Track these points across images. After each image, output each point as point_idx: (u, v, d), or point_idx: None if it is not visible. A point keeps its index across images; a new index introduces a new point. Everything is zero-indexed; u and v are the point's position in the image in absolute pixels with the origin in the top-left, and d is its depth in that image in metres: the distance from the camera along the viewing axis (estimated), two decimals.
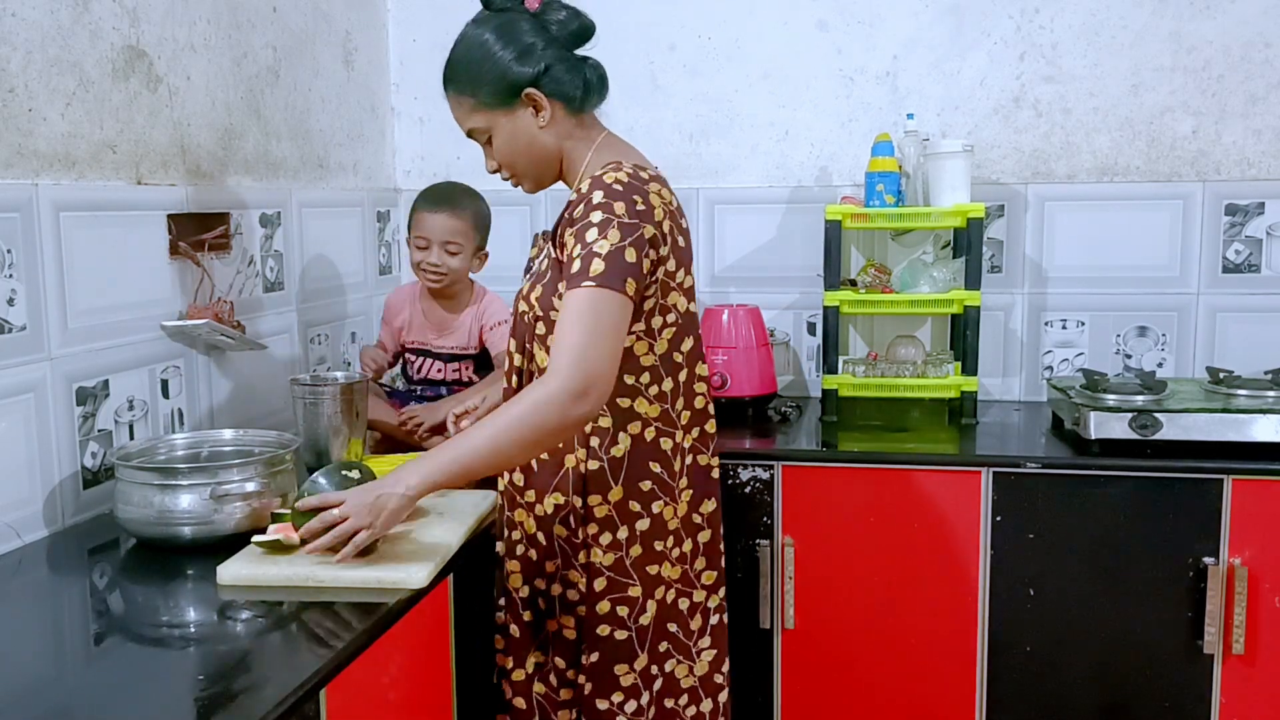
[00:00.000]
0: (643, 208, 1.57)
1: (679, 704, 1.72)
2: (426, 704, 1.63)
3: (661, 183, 1.67)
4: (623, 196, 1.57)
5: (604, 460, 1.64)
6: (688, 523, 1.71)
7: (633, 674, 1.67)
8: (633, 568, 1.66)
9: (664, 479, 1.67)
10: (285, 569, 1.54)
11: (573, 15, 1.67)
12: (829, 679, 2.37)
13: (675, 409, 1.68)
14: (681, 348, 1.68)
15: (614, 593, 1.65)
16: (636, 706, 1.67)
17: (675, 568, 1.69)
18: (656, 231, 1.58)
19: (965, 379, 2.57)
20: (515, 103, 1.64)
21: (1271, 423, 2.21)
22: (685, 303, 1.68)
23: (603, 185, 1.58)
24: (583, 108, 1.69)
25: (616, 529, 1.65)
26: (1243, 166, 2.69)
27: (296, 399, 2.05)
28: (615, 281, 1.52)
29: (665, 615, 1.69)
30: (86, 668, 1.37)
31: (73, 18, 1.82)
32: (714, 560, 1.75)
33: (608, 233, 1.53)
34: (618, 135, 1.77)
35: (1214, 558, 2.19)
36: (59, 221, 1.79)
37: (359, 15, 2.83)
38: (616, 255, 1.53)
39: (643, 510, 1.65)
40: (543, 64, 1.63)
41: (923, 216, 2.57)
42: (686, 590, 1.71)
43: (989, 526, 2.26)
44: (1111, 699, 2.26)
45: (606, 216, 1.55)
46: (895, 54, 2.81)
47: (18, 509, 1.73)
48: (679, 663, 1.71)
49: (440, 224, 2.27)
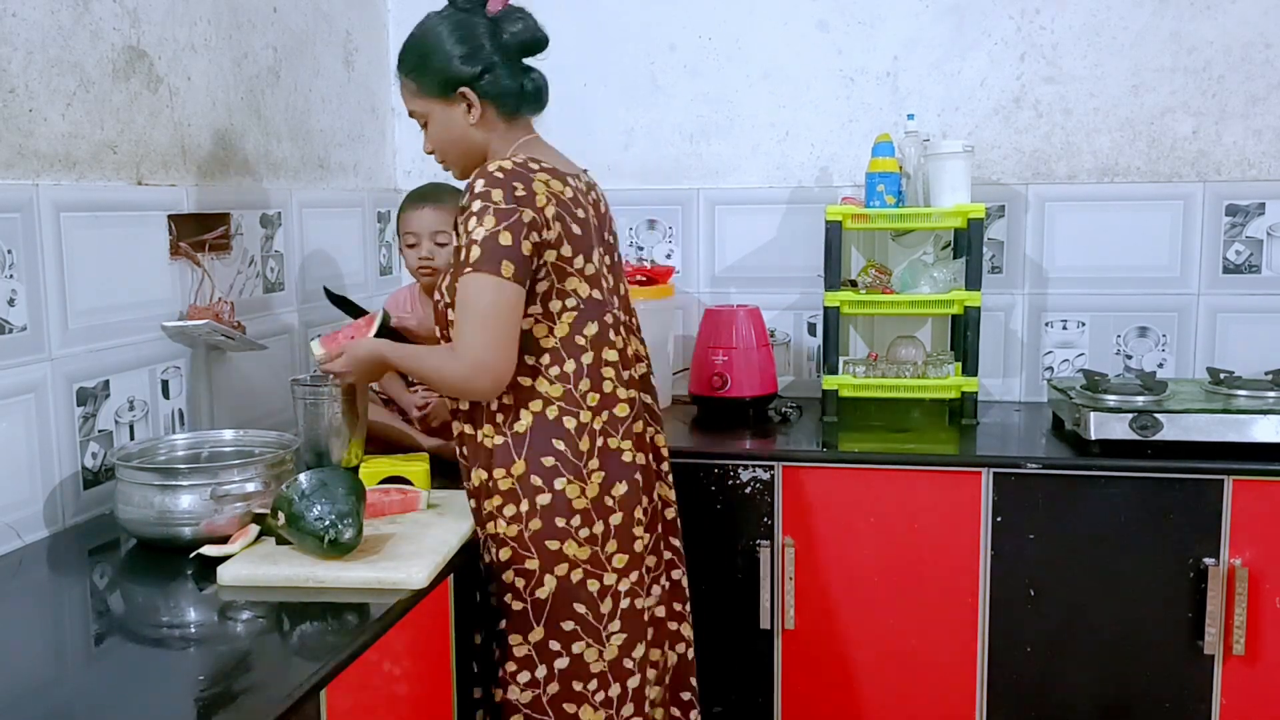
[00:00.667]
0: (522, 194, 1.65)
1: (587, 688, 1.73)
2: (426, 704, 1.63)
3: (558, 176, 1.73)
4: (501, 184, 1.65)
5: (508, 435, 1.71)
6: (599, 505, 1.73)
7: (526, 645, 1.72)
8: (531, 540, 1.70)
9: (568, 457, 1.71)
10: (285, 569, 1.54)
11: (528, 28, 1.77)
12: (829, 679, 2.37)
13: (579, 390, 1.73)
14: (584, 331, 1.73)
15: (514, 564, 1.71)
16: (529, 678, 1.72)
17: (584, 548, 1.71)
18: (537, 216, 1.65)
19: (966, 379, 2.57)
20: (451, 96, 1.75)
21: (1272, 423, 2.21)
22: (587, 289, 1.74)
23: (485, 174, 1.67)
24: (515, 112, 1.79)
25: (519, 501, 1.70)
26: (1243, 167, 2.69)
27: (297, 399, 2.05)
28: (490, 265, 1.61)
29: (571, 595, 1.71)
30: (86, 668, 1.37)
31: (73, 18, 1.82)
32: (626, 544, 1.75)
33: (484, 219, 1.63)
34: (547, 142, 1.84)
35: (1214, 558, 2.18)
36: (59, 222, 1.79)
37: (359, 15, 2.83)
38: (491, 240, 1.62)
39: (544, 486, 1.70)
40: (481, 66, 1.73)
41: (923, 217, 2.57)
42: (596, 572, 1.72)
43: (989, 527, 2.26)
44: (1111, 699, 2.26)
45: (484, 204, 1.64)
46: (896, 54, 2.81)
47: (18, 509, 1.73)
48: (588, 645, 1.72)
49: (426, 218, 2.29)
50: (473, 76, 1.73)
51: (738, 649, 2.37)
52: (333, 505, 1.57)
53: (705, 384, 2.65)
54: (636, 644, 1.77)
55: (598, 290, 1.75)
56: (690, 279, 2.96)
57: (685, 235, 2.96)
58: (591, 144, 2.94)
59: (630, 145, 2.95)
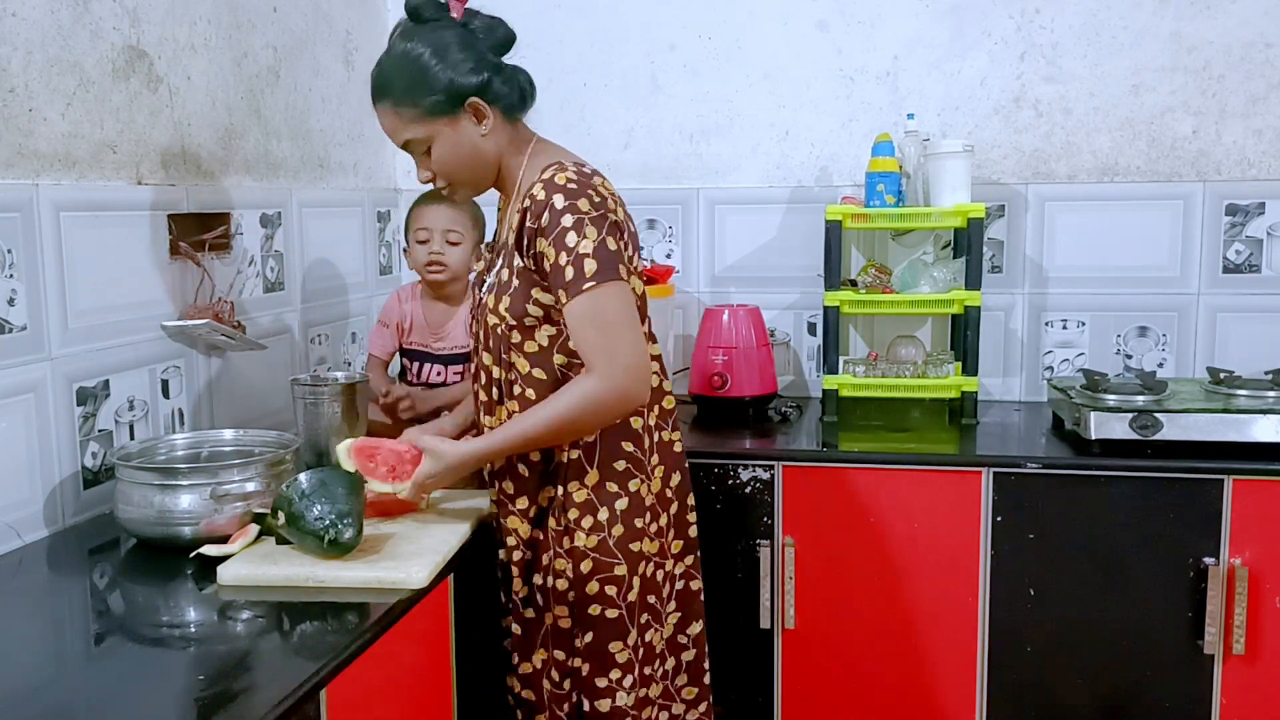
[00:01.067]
0: (599, 198, 1.64)
1: (653, 669, 1.77)
2: (426, 704, 1.63)
3: (601, 176, 1.73)
4: (581, 194, 1.63)
5: (580, 448, 1.70)
6: (661, 498, 1.77)
7: (627, 650, 1.72)
8: (616, 547, 1.70)
9: (637, 457, 1.73)
10: (285, 569, 1.54)
11: (494, 24, 1.72)
12: (829, 679, 2.37)
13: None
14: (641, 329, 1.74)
15: (601, 573, 1.70)
16: (633, 680, 1.73)
17: (654, 542, 1.75)
18: (617, 218, 1.66)
19: (965, 379, 2.57)
20: (459, 112, 1.68)
21: (1272, 423, 2.21)
22: (640, 286, 1.75)
23: (559, 188, 1.63)
24: (518, 115, 1.75)
25: (597, 511, 1.70)
26: (1243, 166, 2.69)
27: (297, 399, 2.05)
28: (610, 273, 1.60)
29: (646, 589, 1.74)
30: (86, 668, 1.36)
31: (73, 18, 1.82)
32: (682, 530, 1.82)
33: (585, 231, 1.60)
34: (546, 139, 1.81)
35: (1214, 558, 2.18)
36: (59, 221, 1.79)
37: (359, 15, 2.83)
38: (602, 249, 1.60)
39: (620, 490, 1.71)
40: (485, 74, 1.68)
41: (923, 216, 2.57)
42: (661, 562, 1.77)
43: (989, 526, 2.26)
44: (1111, 699, 2.26)
45: (577, 217, 1.61)
46: (896, 54, 2.81)
47: (18, 509, 1.73)
48: (655, 631, 1.77)
49: (441, 215, 2.28)
50: (479, 86, 1.67)
51: (738, 648, 2.37)
52: (333, 505, 1.57)
53: (705, 384, 2.65)
54: (692, 622, 1.83)
55: (644, 285, 1.78)
56: (690, 278, 2.96)
57: (685, 235, 2.96)
58: (591, 144, 2.94)
59: (630, 145, 2.95)
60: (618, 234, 1.63)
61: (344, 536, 1.55)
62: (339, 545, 1.55)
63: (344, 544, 1.55)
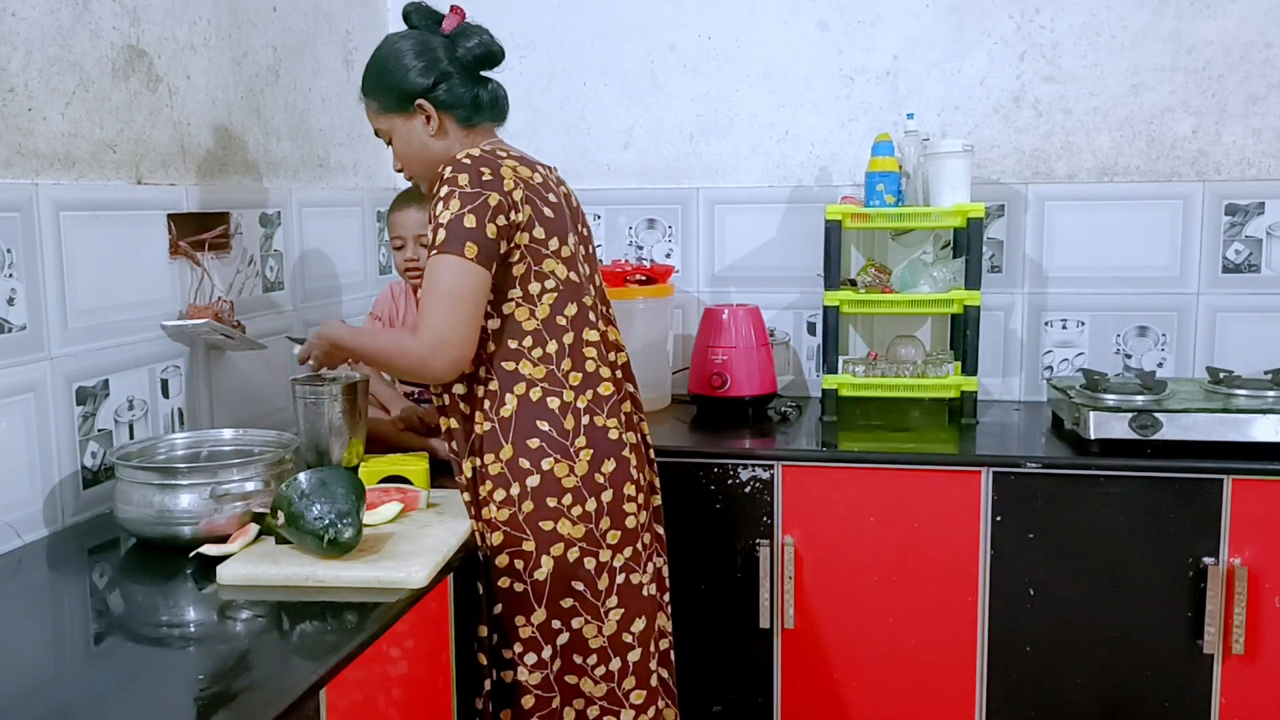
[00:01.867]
0: (489, 178, 1.69)
1: (587, 662, 1.77)
2: (426, 704, 1.63)
3: (526, 163, 1.78)
4: (468, 169, 1.69)
5: (495, 421, 1.74)
6: (589, 482, 1.76)
7: (530, 626, 1.74)
8: (525, 523, 1.72)
9: (554, 437, 1.74)
10: (285, 568, 1.54)
11: (482, 44, 1.82)
12: (829, 679, 2.37)
13: (561, 369, 1.76)
14: (565, 312, 1.77)
15: (510, 546, 1.73)
16: (536, 659, 1.74)
17: (577, 526, 1.74)
18: (504, 199, 1.69)
19: (965, 379, 2.57)
20: (410, 110, 1.81)
21: (1271, 423, 2.21)
22: (565, 270, 1.77)
23: (453, 161, 1.72)
24: (471, 122, 1.83)
25: (509, 485, 1.73)
26: (1243, 166, 2.69)
27: (297, 399, 2.05)
28: (455, 247, 1.65)
29: (568, 573, 1.74)
30: (86, 668, 1.37)
31: (73, 17, 1.82)
32: (618, 520, 1.79)
33: (450, 203, 1.67)
34: (508, 144, 1.86)
35: (1214, 558, 2.19)
36: (59, 221, 1.79)
37: (359, 15, 2.83)
38: (456, 222, 1.66)
39: (532, 467, 1.73)
40: (433, 78, 1.78)
41: (923, 216, 2.57)
42: (592, 549, 1.76)
43: (989, 526, 2.26)
44: (1111, 699, 2.26)
45: (450, 189, 1.68)
46: (895, 54, 2.81)
47: (18, 509, 1.73)
48: (587, 622, 1.76)
49: (410, 219, 2.28)
50: (426, 88, 1.78)
51: (737, 648, 2.37)
52: (332, 505, 1.57)
53: (705, 383, 2.65)
54: (635, 618, 1.80)
55: (574, 273, 1.79)
56: (690, 278, 2.96)
57: (685, 234, 2.96)
58: (591, 143, 2.95)
59: (630, 144, 2.95)
60: (485, 213, 1.66)
61: (344, 536, 1.55)
62: (339, 545, 1.55)
63: (344, 544, 1.55)
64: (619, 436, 1.80)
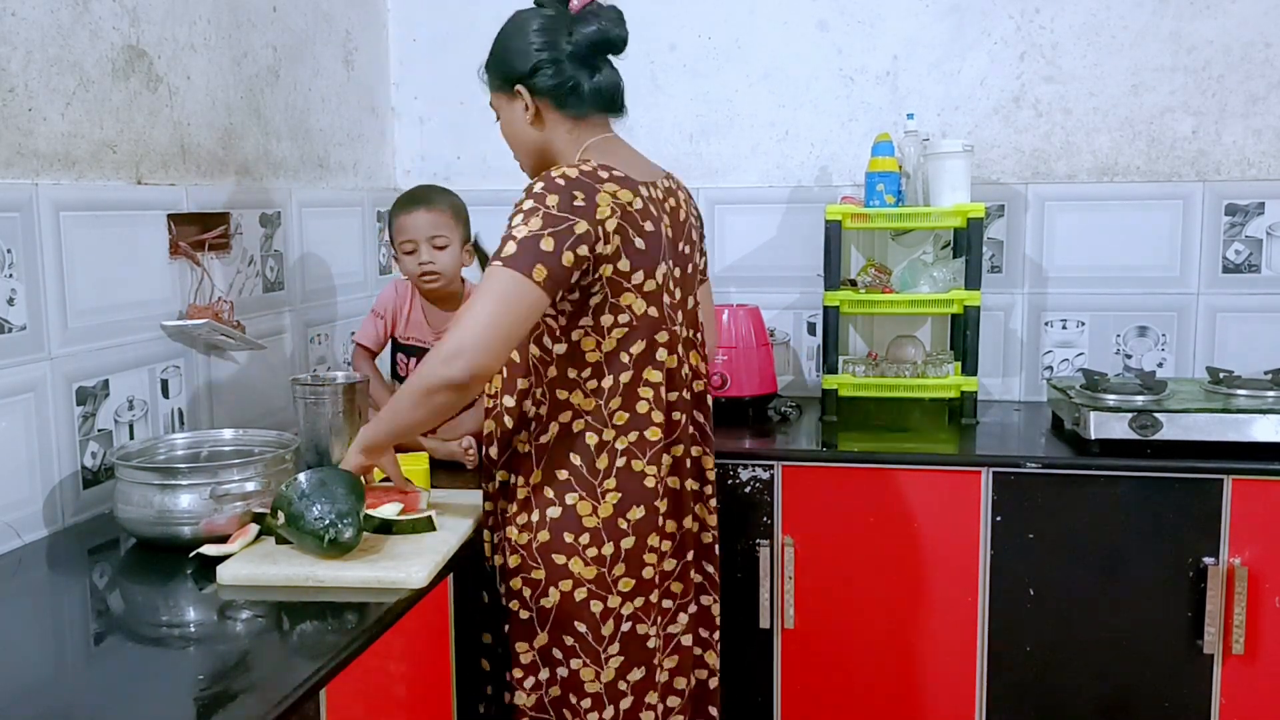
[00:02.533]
0: (581, 204, 1.59)
1: (582, 706, 1.71)
2: (426, 704, 1.63)
3: (628, 185, 1.67)
4: (561, 190, 1.59)
5: (533, 446, 1.70)
6: (610, 526, 1.68)
7: (531, 651, 1.72)
8: (538, 552, 1.68)
9: (582, 473, 1.68)
10: (285, 568, 1.54)
11: (600, 28, 1.73)
12: (829, 679, 2.37)
13: (609, 407, 1.68)
14: (630, 349, 1.67)
15: (522, 572, 1.70)
16: (534, 682, 1.72)
17: (590, 567, 1.67)
18: (592, 229, 1.59)
19: (965, 379, 2.57)
20: (511, 92, 1.74)
21: (1271, 423, 2.21)
22: (644, 305, 1.67)
23: (546, 178, 1.62)
24: (571, 109, 1.73)
25: (531, 511, 1.69)
26: (1243, 166, 2.69)
27: (297, 399, 2.05)
28: (523, 264, 1.55)
29: (573, 612, 1.68)
30: (86, 668, 1.37)
31: (73, 17, 1.82)
32: (634, 569, 1.70)
33: (531, 220, 1.57)
34: (623, 141, 1.80)
35: (1214, 558, 2.19)
36: (59, 221, 1.79)
37: (359, 15, 2.83)
38: (532, 241, 1.56)
39: (555, 499, 1.68)
40: (533, 63, 1.70)
41: (923, 216, 2.57)
42: (601, 594, 1.68)
43: (989, 526, 2.26)
44: (1111, 699, 2.26)
45: (536, 205, 1.59)
46: (895, 54, 2.81)
47: (18, 509, 1.73)
48: (585, 665, 1.69)
49: (421, 221, 2.24)
50: (523, 74, 1.71)
51: (737, 648, 2.37)
52: (332, 505, 1.57)
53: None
54: (633, 668, 1.72)
55: (655, 307, 1.69)
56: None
57: None
58: None
59: (630, 144, 2.94)
60: (566, 240, 1.56)
61: (344, 536, 1.55)
62: (339, 545, 1.55)
63: (344, 544, 1.55)
64: (655, 485, 1.70)
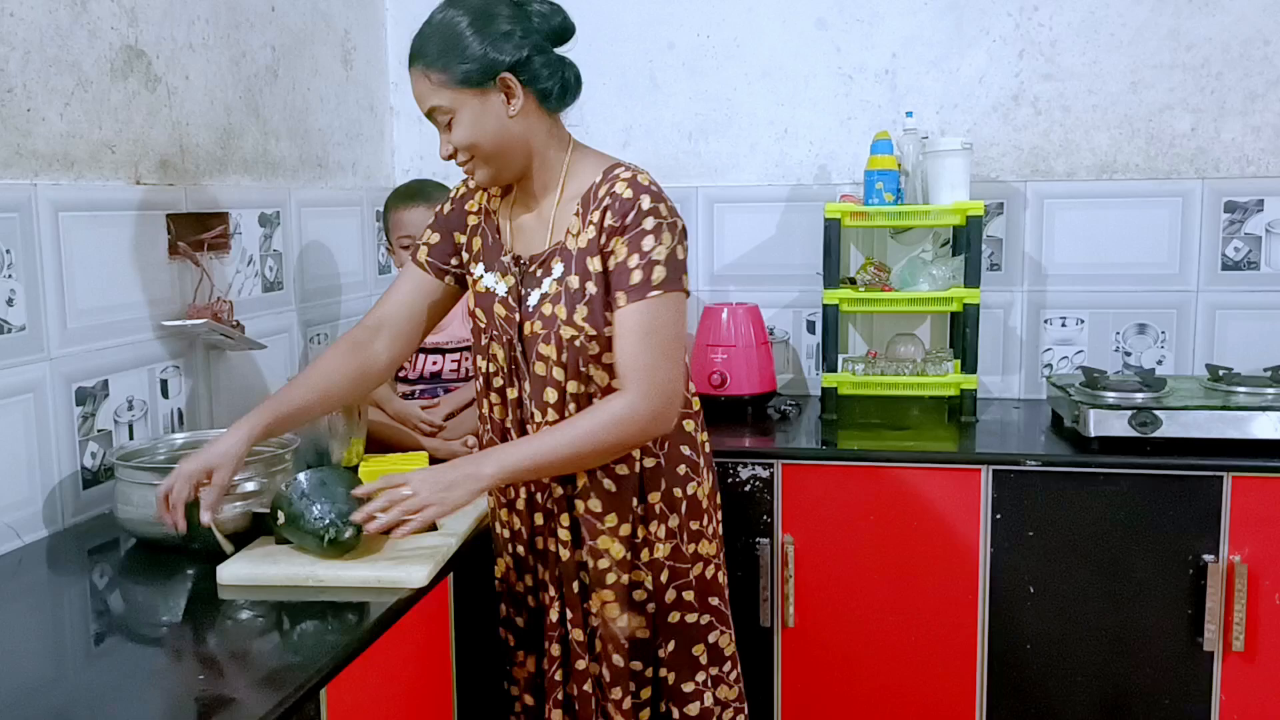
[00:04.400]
0: (672, 203, 1.62)
1: (723, 670, 1.76)
2: (426, 704, 1.63)
3: None
4: (661, 195, 1.60)
5: (655, 455, 1.67)
6: (712, 500, 1.76)
7: (704, 647, 1.73)
8: (686, 551, 1.70)
9: (693, 459, 1.71)
10: (285, 568, 1.54)
11: (554, 11, 1.64)
12: (829, 678, 2.37)
13: (690, 391, 1.74)
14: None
15: (676, 580, 1.69)
16: (706, 677, 1.74)
17: (711, 544, 1.74)
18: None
19: (965, 377, 2.57)
20: (488, 86, 1.57)
21: (1271, 420, 2.21)
22: None
23: (645, 189, 1.58)
24: (556, 106, 1.65)
25: (668, 519, 1.68)
26: (1242, 164, 2.69)
27: None
28: (674, 283, 1.57)
29: (708, 589, 1.73)
30: (86, 668, 1.37)
31: (71, 17, 1.82)
32: (719, 529, 1.80)
33: (662, 236, 1.56)
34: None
35: (1214, 555, 2.19)
36: (58, 221, 1.79)
37: (358, 15, 2.83)
38: (673, 257, 1.57)
39: (683, 494, 1.70)
40: (523, 53, 1.57)
41: (922, 214, 2.57)
42: (721, 564, 1.76)
43: (989, 525, 2.26)
44: (1111, 697, 2.26)
45: (658, 221, 1.56)
46: (894, 52, 2.81)
47: (18, 509, 1.73)
48: (721, 633, 1.75)
49: (419, 217, 2.24)
50: (513, 63, 1.57)
51: (738, 646, 2.37)
52: (332, 504, 1.57)
53: (704, 382, 2.65)
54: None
55: None
56: (689, 277, 2.95)
57: None
58: (590, 142, 2.90)
59: (629, 143, 2.95)
60: (685, 240, 1.60)
61: (344, 536, 1.55)
62: (339, 545, 1.55)
63: (344, 544, 1.56)
64: (710, 450, 1.79)
